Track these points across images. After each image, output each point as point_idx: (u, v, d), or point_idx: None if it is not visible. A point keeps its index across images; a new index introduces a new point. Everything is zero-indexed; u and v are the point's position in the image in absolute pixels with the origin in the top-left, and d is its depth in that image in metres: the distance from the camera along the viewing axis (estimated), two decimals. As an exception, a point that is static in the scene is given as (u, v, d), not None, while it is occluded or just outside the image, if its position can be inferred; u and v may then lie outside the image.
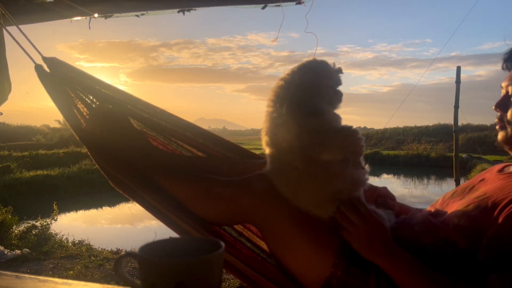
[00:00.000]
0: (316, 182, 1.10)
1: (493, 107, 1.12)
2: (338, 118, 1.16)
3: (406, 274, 0.99)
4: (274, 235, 1.14)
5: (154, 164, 1.35)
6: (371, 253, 1.02)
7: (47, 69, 1.43)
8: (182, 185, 1.27)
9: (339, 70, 1.16)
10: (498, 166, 1.18)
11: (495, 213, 0.95)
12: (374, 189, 1.31)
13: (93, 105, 1.43)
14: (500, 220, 0.92)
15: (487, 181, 1.14)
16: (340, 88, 1.17)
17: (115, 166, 1.34)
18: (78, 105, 1.42)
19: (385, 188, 1.33)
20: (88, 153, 1.38)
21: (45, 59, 1.43)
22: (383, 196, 1.31)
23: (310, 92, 1.11)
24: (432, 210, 1.20)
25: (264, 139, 1.17)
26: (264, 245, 1.32)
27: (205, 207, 1.23)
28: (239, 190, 1.18)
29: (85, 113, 1.42)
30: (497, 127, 1.12)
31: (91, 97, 1.44)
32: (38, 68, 1.42)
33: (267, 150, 1.18)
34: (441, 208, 1.17)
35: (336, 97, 1.15)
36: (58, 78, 1.43)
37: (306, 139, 1.09)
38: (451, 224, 1.03)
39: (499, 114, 1.11)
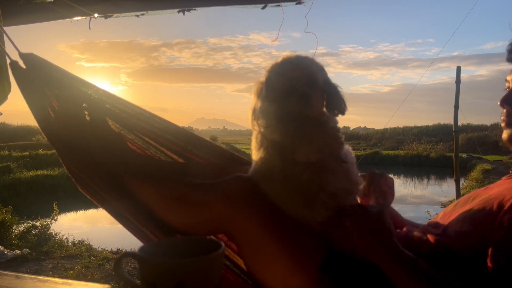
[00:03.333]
0: (301, 178, 1.03)
1: (499, 103, 1.04)
2: (312, 120, 1.06)
3: (406, 276, 0.90)
4: (252, 247, 1.03)
5: (128, 169, 1.28)
6: (373, 255, 0.94)
7: (23, 65, 1.37)
8: (152, 188, 1.19)
9: (319, 68, 1.06)
10: (507, 176, 1.10)
11: (501, 215, 0.88)
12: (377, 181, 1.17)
13: (67, 103, 1.36)
14: (506, 224, 0.85)
15: (494, 186, 1.07)
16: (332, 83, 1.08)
17: (82, 168, 1.27)
18: (53, 104, 1.36)
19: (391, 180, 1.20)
20: (56, 152, 1.32)
21: (22, 55, 1.37)
22: (383, 193, 1.18)
23: (279, 92, 1.04)
24: (432, 223, 1.14)
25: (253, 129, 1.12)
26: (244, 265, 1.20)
27: (176, 212, 1.13)
28: (214, 194, 1.07)
29: (58, 111, 1.36)
30: (502, 124, 1.05)
31: (67, 95, 1.37)
32: (13, 64, 1.36)
33: (253, 141, 1.12)
34: (442, 222, 1.10)
35: (298, 100, 1.03)
36: (34, 74, 1.36)
37: (280, 140, 1.05)
38: (452, 231, 0.97)
39: (505, 110, 1.03)
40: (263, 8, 2.43)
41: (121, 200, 1.21)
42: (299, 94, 1.02)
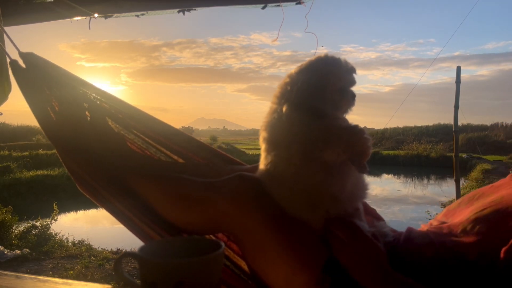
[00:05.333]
0: (314, 179, 1.00)
1: None
2: (343, 121, 1.06)
3: None
4: (255, 245, 1.02)
5: (129, 168, 1.28)
6: (361, 276, 0.92)
7: (22, 65, 1.37)
8: (153, 186, 1.18)
9: (352, 70, 1.07)
10: None
11: None
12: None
13: (68, 103, 1.36)
14: None
15: (502, 185, 1.03)
16: (353, 88, 1.08)
17: (84, 167, 1.27)
18: (52, 103, 1.36)
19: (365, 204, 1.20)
20: (56, 152, 1.32)
21: (21, 54, 1.38)
22: (370, 215, 1.19)
23: (313, 95, 1.02)
24: (434, 222, 1.09)
25: (262, 134, 1.08)
26: (245, 266, 1.19)
27: (177, 210, 1.12)
28: (216, 192, 1.07)
29: (59, 111, 1.36)
30: None
31: (67, 95, 1.37)
32: (12, 63, 1.36)
33: (262, 146, 1.08)
34: (446, 219, 1.06)
35: (343, 100, 1.05)
36: (34, 74, 1.37)
37: (308, 135, 1.01)
38: (460, 232, 0.92)
39: None
40: (263, 8, 2.43)
41: (123, 199, 1.20)
42: (352, 94, 1.07)
